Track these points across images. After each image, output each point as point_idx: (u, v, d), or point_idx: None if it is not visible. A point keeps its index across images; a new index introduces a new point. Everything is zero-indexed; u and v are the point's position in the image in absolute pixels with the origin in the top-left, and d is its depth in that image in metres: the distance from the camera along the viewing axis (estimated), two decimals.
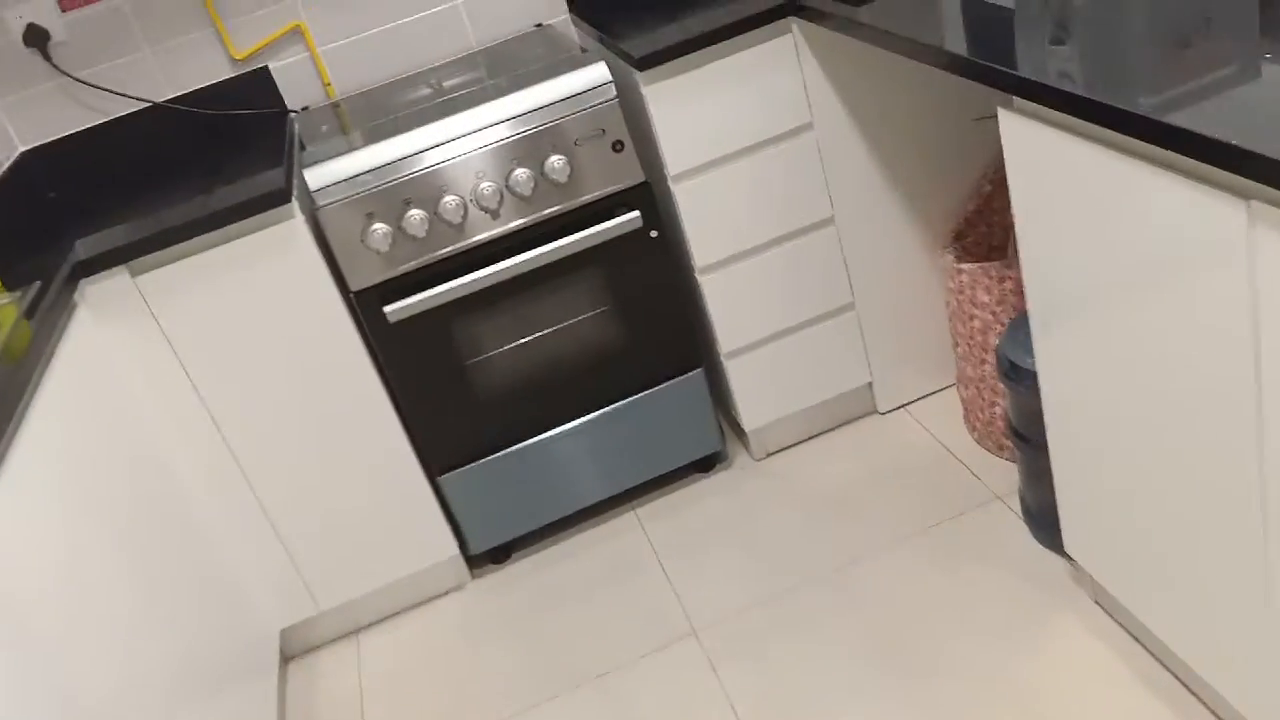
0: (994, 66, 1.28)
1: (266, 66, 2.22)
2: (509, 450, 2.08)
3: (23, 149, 2.16)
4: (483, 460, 2.07)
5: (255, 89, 2.22)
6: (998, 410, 1.97)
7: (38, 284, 1.64)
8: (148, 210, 1.88)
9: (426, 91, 2.12)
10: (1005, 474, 2.00)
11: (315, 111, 2.21)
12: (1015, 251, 1.98)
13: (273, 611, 2.03)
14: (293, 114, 2.24)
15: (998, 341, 1.89)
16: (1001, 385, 1.92)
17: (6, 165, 2.08)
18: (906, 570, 1.87)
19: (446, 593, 2.16)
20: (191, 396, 1.85)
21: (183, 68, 2.18)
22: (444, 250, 1.90)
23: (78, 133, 2.17)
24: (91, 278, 1.73)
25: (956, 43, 1.40)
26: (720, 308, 2.07)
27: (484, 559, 2.20)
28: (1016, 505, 1.92)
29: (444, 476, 2.06)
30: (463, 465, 2.06)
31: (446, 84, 2.12)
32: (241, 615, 1.87)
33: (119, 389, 1.74)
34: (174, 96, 2.19)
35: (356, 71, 2.27)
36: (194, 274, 1.77)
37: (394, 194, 1.84)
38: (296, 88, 2.25)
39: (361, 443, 1.96)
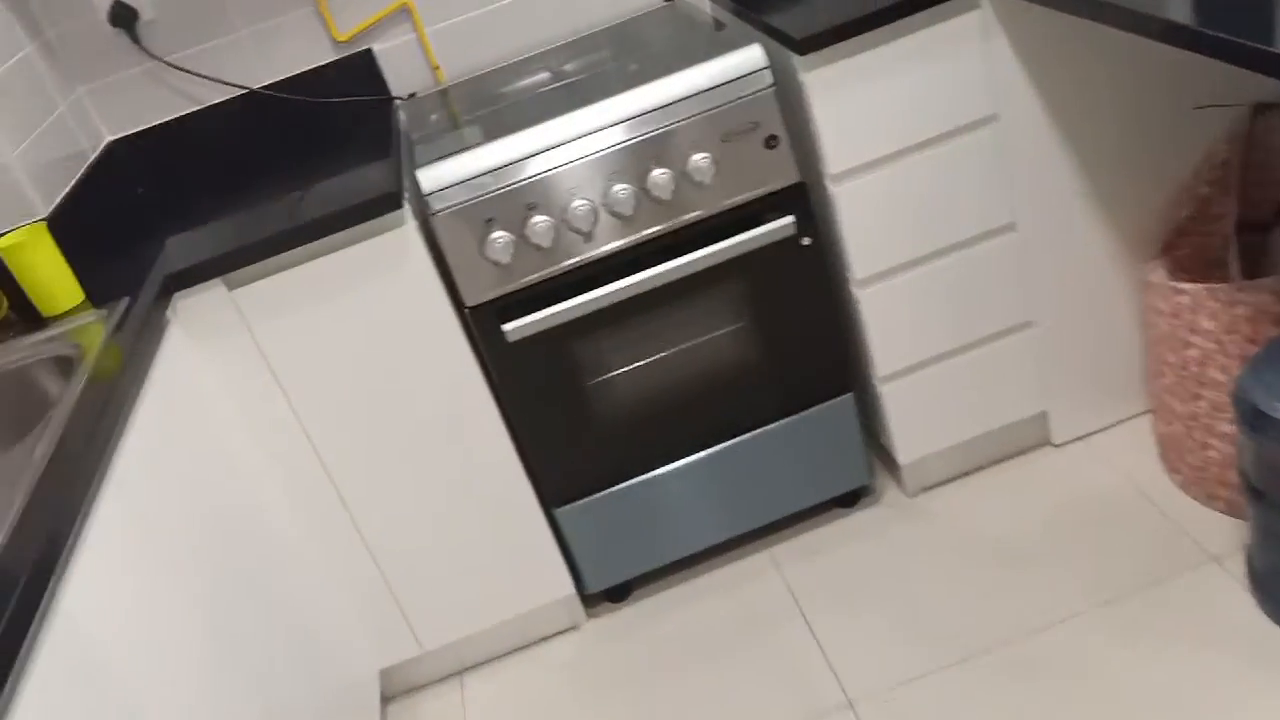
0: None
1: (370, 49, 2.01)
2: (633, 481, 1.85)
3: (110, 139, 1.99)
4: (604, 492, 1.85)
5: (358, 74, 2.01)
6: (1212, 454, 1.67)
7: (126, 300, 1.46)
8: (243, 209, 1.70)
9: (544, 76, 1.89)
10: (1220, 529, 1.71)
11: (423, 99, 1.99)
12: (1240, 270, 1.68)
13: (373, 651, 1.84)
14: (398, 101, 2.03)
15: (1230, 378, 1.59)
16: (1234, 430, 1.62)
17: (93, 157, 1.91)
18: (1103, 644, 1.59)
19: (560, 633, 1.95)
20: (290, 420, 1.66)
21: (281, 50, 1.98)
22: (570, 261, 1.67)
23: (167, 122, 1.99)
24: (185, 291, 1.54)
25: (1220, 23, 1.12)
26: (878, 325, 1.81)
27: (600, 597, 1.99)
28: (1238, 570, 1.63)
29: (561, 509, 1.85)
30: (582, 497, 1.84)
31: (567, 68, 1.89)
32: (339, 655, 1.69)
33: (212, 413, 1.56)
34: (271, 82, 1.99)
35: (467, 54, 2.05)
36: (295, 287, 1.58)
37: (517, 198, 1.62)
38: (402, 72, 2.04)
39: (473, 471, 1.75)
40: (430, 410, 1.70)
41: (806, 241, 1.74)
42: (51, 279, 1.48)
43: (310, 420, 1.67)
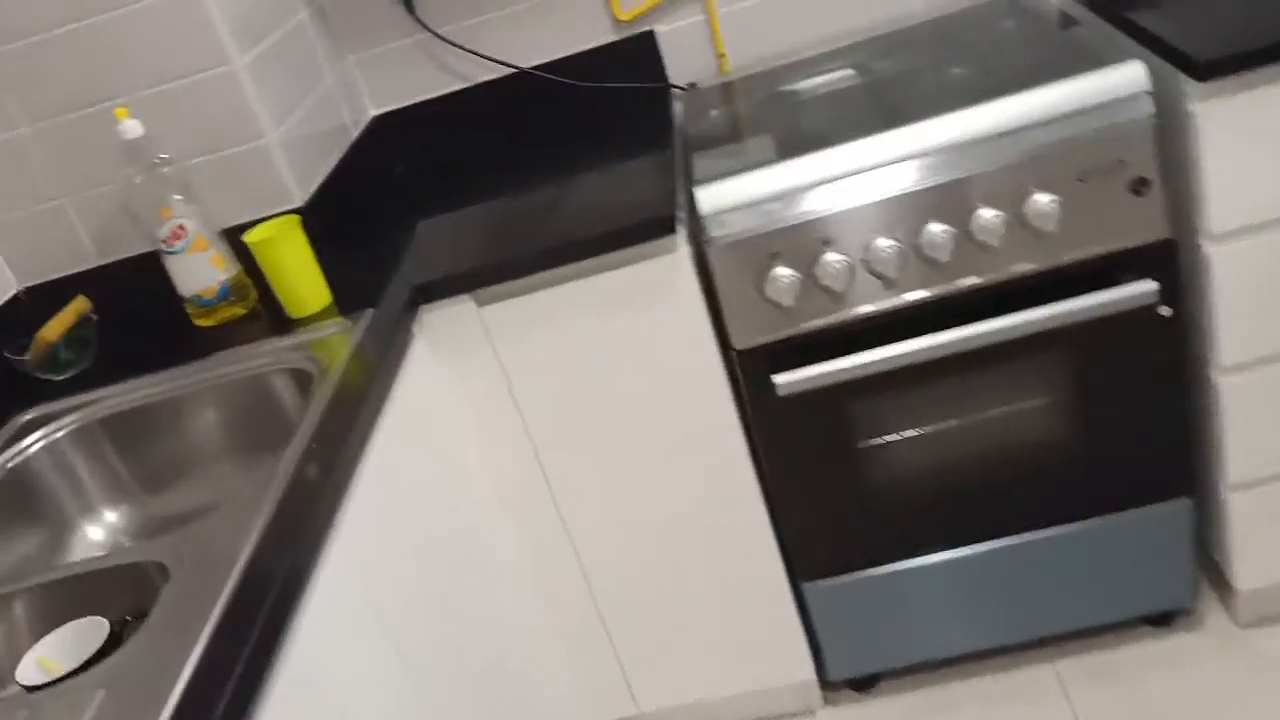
0: None
1: (652, 31, 1.79)
2: (900, 566, 1.58)
3: (375, 112, 1.88)
4: (863, 572, 1.59)
5: (635, 58, 1.80)
6: None
7: (371, 311, 1.33)
8: (503, 199, 1.55)
9: (848, 75, 1.61)
10: None
11: (703, 90, 1.76)
12: None
13: (586, 703, 1.68)
14: (676, 90, 1.81)
15: None
16: None
17: (358, 131, 1.81)
18: None
19: (791, 717, 1.72)
20: (524, 449, 1.50)
21: (557, 28, 1.80)
22: (865, 309, 1.40)
23: (433, 99, 1.86)
24: (432, 305, 1.40)
25: None
26: (1240, 422, 1.44)
27: (842, 684, 1.74)
28: None
29: (810, 584, 1.60)
30: (836, 574, 1.59)
31: (876, 68, 1.60)
32: (550, 701, 1.54)
33: (448, 432, 1.42)
34: (542, 63, 1.82)
35: (757, 41, 1.79)
36: (548, 307, 1.40)
37: (809, 231, 1.36)
38: (683, 58, 1.81)
39: (717, 529, 1.54)
40: (678, 457, 1.49)
41: (1166, 312, 1.38)
42: (300, 280, 1.37)
43: (546, 451, 1.50)
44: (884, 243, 1.36)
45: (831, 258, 1.36)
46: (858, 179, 1.35)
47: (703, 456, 1.49)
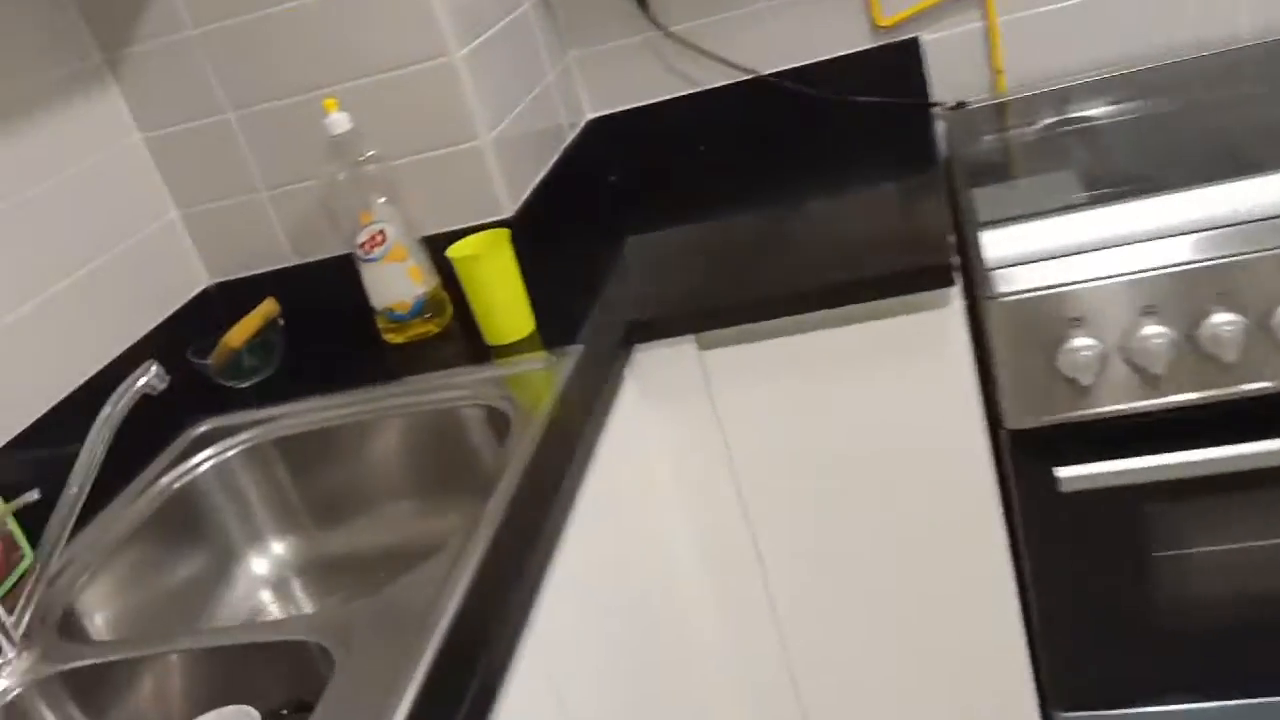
0: None
1: (916, 38, 1.55)
2: (1183, 707, 1.28)
3: (591, 115, 1.71)
4: (1134, 709, 1.29)
5: (894, 68, 1.56)
6: None
7: (580, 348, 1.15)
8: (730, 220, 1.34)
9: (1159, 102, 1.32)
10: None
11: (973, 111, 1.50)
12: None
13: None
14: (938, 109, 1.56)
15: None
16: None
17: (573, 134, 1.64)
18: None
19: None
20: (736, 516, 1.29)
21: (804, 30, 1.57)
22: (1185, 396, 1.12)
23: (657, 103, 1.67)
24: (649, 345, 1.20)
25: None
26: None
27: None
28: None
29: (1066, 715, 1.32)
30: (1100, 708, 1.30)
31: (1197, 96, 1.31)
32: None
33: (651, 492, 1.23)
34: (785, 69, 1.60)
35: (1043, 55, 1.52)
36: (781, 357, 1.19)
37: (1126, 296, 1.09)
38: (950, 72, 1.56)
39: (957, 636, 1.29)
40: (918, 546, 1.25)
41: None
42: (503, 305, 1.20)
43: (760, 519, 1.29)
44: (1222, 318, 1.07)
45: (1151, 330, 1.08)
46: (1193, 237, 1.07)
47: (950, 549, 1.24)
